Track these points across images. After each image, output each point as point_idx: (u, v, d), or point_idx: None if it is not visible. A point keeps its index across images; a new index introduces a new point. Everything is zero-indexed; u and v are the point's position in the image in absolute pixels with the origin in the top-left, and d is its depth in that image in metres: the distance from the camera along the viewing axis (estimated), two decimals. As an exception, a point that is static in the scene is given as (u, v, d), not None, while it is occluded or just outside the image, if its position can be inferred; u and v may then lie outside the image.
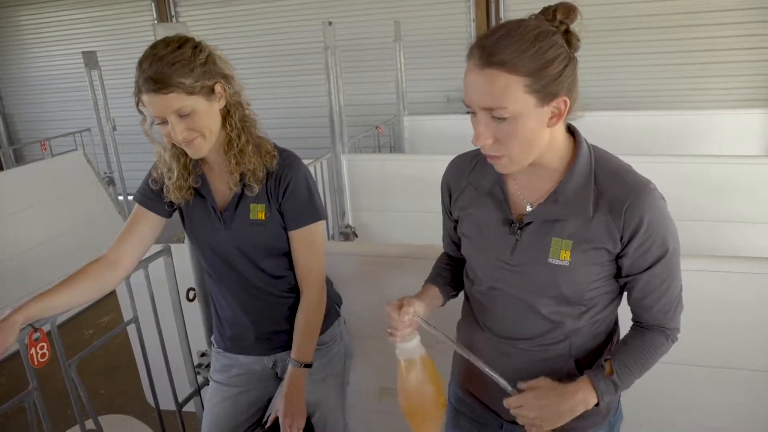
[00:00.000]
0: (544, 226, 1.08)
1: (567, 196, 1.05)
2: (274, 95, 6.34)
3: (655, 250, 1.05)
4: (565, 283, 1.08)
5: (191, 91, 1.31)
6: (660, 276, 1.07)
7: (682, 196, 2.75)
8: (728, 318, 1.58)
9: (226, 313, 1.62)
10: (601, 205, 1.04)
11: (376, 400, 1.94)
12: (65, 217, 4.33)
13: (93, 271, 1.47)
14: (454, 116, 4.89)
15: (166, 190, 1.49)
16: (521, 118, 0.95)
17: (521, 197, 1.12)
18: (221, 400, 1.66)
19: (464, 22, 5.73)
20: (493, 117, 0.96)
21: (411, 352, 1.15)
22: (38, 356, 1.33)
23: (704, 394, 1.66)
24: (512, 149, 0.99)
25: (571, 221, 1.06)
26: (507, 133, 0.97)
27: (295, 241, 1.51)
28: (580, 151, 1.07)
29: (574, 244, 1.05)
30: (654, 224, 1.03)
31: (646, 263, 1.06)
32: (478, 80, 0.95)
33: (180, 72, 1.29)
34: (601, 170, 1.06)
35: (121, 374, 3.19)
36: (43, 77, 7.39)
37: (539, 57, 0.93)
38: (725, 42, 4.98)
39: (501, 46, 0.93)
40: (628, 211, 1.02)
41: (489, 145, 1.00)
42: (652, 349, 1.12)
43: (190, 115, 1.33)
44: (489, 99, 0.95)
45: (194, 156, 1.41)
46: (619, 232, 1.03)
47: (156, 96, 1.29)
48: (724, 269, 1.56)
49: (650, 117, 4.04)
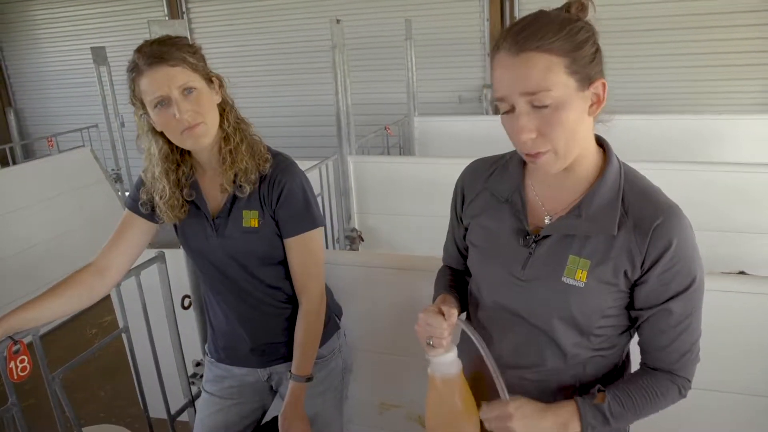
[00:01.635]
0: (562, 241, 0.99)
1: (591, 211, 0.97)
2: (281, 93, 6.30)
3: (680, 279, 0.95)
4: (577, 306, 0.99)
5: (195, 68, 1.30)
6: (679, 312, 0.97)
7: (704, 205, 2.65)
8: (745, 340, 1.49)
9: (221, 323, 1.57)
10: (626, 224, 0.96)
11: (376, 415, 1.87)
12: (72, 214, 4.30)
13: (80, 279, 1.43)
14: (466, 117, 4.82)
15: (159, 210, 1.43)
16: (564, 104, 0.89)
17: (541, 208, 1.04)
18: (213, 412, 1.61)
19: (478, 21, 5.64)
20: (534, 106, 0.89)
21: (449, 367, 1.03)
22: (18, 370, 1.28)
23: (722, 421, 1.57)
24: (558, 141, 0.91)
25: (593, 240, 0.97)
26: (550, 122, 0.89)
27: (292, 250, 1.45)
28: (610, 164, 1.00)
29: (592, 266, 0.97)
30: (682, 249, 0.94)
31: (667, 294, 0.96)
32: (515, 66, 0.89)
33: (184, 49, 1.30)
34: (630, 188, 0.99)
35: (121, 377, 3.15)
36: (53, 72, 7.42)
37: (572, 37, 0.89)
38: (744, 44, 4.85)
39: (532, 30, 0.89)
40: (656, 231, 0.94)
41: (532, 139, 0.91)
42: (655, 392, 1.02)
43: (194, 95, 1.30)
44: (530, 83, 0.88)
45: (194, 146, 1.35)
46: (641, 255, 0.95)
47: (161, 69, 1.26)
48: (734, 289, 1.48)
49: (667, 121, 3.94)
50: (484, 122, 4.39)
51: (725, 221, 2.70)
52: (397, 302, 1.73)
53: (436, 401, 1.05)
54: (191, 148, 1.37)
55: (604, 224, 0.96)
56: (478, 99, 5.70)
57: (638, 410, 1.00)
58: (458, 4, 5.63)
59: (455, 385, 1.03)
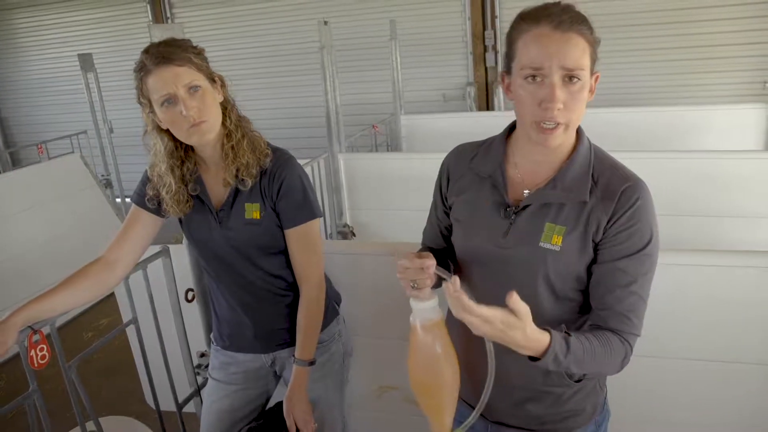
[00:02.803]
0: (539, 212, 1.10)
1: (566, 182, 1.09)
2: (271, 95, 6.34)
3: (636, 239, 1.05)
4: (553, 268, 1.09)
5: (199, 67, 1.38)
6: (630, 273, 1.06)
7: (679, 191, 2.76)
8: (726, 311, 1.59)
9: (225, 311, 1.63)
10: (596, 193, 1.07)
11: (375, 399, 1.94)
12: (63, 220, 4.32)
13: (92, 272, 1.48)
14: (451, 114, 4.91)
15: (165, 204, 1.49)
16: (585, 85, 1.02)
17: (521, 183, 1.14)
18: (220, 398, 1.67)
19: (459, 20, 5.73)
20: (566, 80, 1.00)
21: (431, 313, 1.03)
22: (38, 358, 1.34)
23: (694, 388, 1.67)
24: (575, 114, 1.03)
25: (567, 208, 1.08)
26: (575, 98, 1.01)
27: (292, 240, 1.52)
28: (581, 143, 1.12)
29: (567, 232, 1.07)
30: (643, 212, 1.05)
31: (621, 253, 1.06)
32: (560, 42, 0.99)
33: (189, 50, 1.37)
34: (599, 162, 1.11)
35: (122, 375, 3.19)
36: (40, 80, 7.39)
37: (593, 33, 1.03)
38: (721, 38, 4.99)
39: (572, 15, 1.01)
40: (624, 194, 1.06)
41: (560, 111, 1.01)
42: (611, 347, 1.05)
43: (200, 93, 1.36)
44: (570, 59, 0.99)
45: (199, 142, 1.42)
46: (607, 216, 1.06)
47: (168, 68, 1.33)
48: (722, 263, 1.56)
49: (647, 113, 4.05)
50: (468, 119, 4.48)
51: (703, 207, 2.81)
52: (389, 288, 1.80)
53: (417, 353, 1.05)
54: (196, 143, 1.44)
55: (577, 193, 1.08)
56: (462, 97, 5.80)
57: (594, 359, 1.02)
58: (440, 5, 5.72)
59: (436, 331, 1.03)
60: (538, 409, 1.20)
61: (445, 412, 1.07)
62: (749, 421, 1.64)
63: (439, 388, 1.06)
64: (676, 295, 1.59)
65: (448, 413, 1.07)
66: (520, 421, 1.23)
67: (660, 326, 1.60)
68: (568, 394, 1.19)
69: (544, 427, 1.22)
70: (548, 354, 0.96)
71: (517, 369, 1.13)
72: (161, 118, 1.38)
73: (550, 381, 1.18)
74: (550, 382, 1.18)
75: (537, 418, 1.21)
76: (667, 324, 1.60)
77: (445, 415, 1.07)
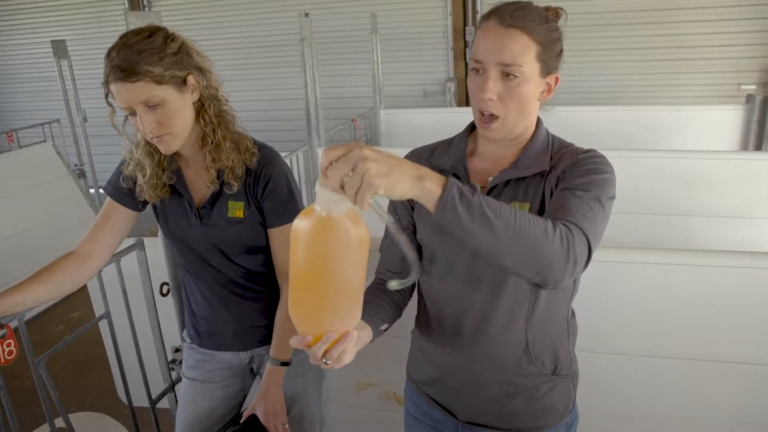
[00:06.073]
0: (504, 194, 1.11)
1: (526, 162, 1.12)
2: (250, 87, 6.28)
3: (579, 170, 1.05)
4: None
5: (160, 80, 1.27)
6: (579, 189, 1.01)
7: (653, 190, 2.79)
8: (705, 310, 1.60)
9: (202, 308, 1.60)
10: (555, 169, 1.10)
11: (353, 394, 1.94)
12: (34, 211, 4.23)
13: (64, 265, 1.44)
14: (430, 110, 4.91)
15: (140, 188, 1.45)
16: (527, 82, 1.04)
17: (486, 172, 1.16)
18: (196, 397, 1.64)
19: (441, 15, 5.73)
20: (503, 75, 1.04)
21: (338, 204, 0.81)
22: (5, 354, 1.30)
23: (672, 385, 1.69)
24: (511, 110, 1.06)
25: (528, 184, 1.11)
26: (511, 93, 1.04)
27: (275, 239, 1.49)
28: (540, 129, 1.16)
29: (531, 207, 1.10)
30: (594, 158, 1.08)
31: (570, 183, 1.03)
32: (500, 37, 1.03)
33: (148, 60, 1.25)
34: (558, 144, 1.16)
35: (92, 370, 3.14)
36: (11, 66, 7.20)
37: (550, 33, 1.06)
38: (698, 39, 5.07)
39: (522, 14, 1.03)
40: (579, 155, 1.09)
41: (492, 102, 1.05)
42: (537, 219, 0.89)
43: (159, 106, 1.28)
44: (509, 55, 1.02)
45: (165, 152, 1.38)
46: (561, 171, 1.08)
47: (123, 85, 1.25)
48: (702, 263, 1.57)
49: (622, 112, 4.08)
50: (448, 114, 4.49)
51: (677, 206, 2.85)
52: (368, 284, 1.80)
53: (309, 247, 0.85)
54: (163, 153, 1.39)
55: (537, 166, 1.11)
56: (442, 92, 5.80)
57: (514, 214, 0.86)
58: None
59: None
60: (512, 406, 1.20)
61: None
62: (744, 419, 1.66)
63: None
64: (658, 295, 1.60)
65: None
66: (493, 420, 1.23)
67: (643, 326, 1.63)
68: (542, 390, 1.20)
69: (516, 426, 1.22)
70: (449, 185, 0.82)
71: (488, 357, 1.15)
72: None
73: (522, 370, 1.17)
74: (523, 371, 1.17)
75: (510, 416, 1.21)
76: (648, 324, 1.62)
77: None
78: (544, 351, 1.18)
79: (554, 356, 1.20)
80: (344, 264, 0.86)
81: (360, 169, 0.77)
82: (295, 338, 0.94)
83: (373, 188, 0.77)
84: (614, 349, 1.66)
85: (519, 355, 1.17)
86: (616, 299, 1.62)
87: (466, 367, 1.20)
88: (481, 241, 0.85)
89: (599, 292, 1.58)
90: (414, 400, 1.36)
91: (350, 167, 0.77)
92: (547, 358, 1.19)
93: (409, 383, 1.38)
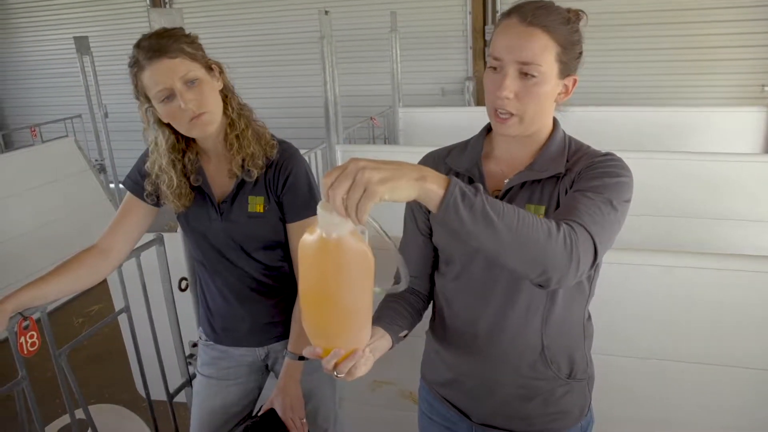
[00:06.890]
0: (519, 197, 1.10)
1: (542, 164, 1.11)
2: (269, 84, 6.31)
3: (595, 172, 1.03)
4: None
5: (194, 57, 1.33)
6: (590, 191, 0.99)
7: (676, 192, 2.76)
8: (726, 315, 1.58)
9: (219, 305, 1.60)
10: (571, 171, 1.09)
11: (369, 393, 1.94)
12: (55, 204, 4.29)
13: (85, 259, 1.46)
14: (448, 108, 4.89)
15: (165, 197, 1.46)
16: (545, 82, 1.03)
17: (501, 175, 1.15)
18: (212, 395, 1.65)
19: (461, 14, 5.71)
20: (522, 74, 1.02)
21: (339, 227, 0.79)
22: (28, 345, 1.32)
23: (689, 389, 1.67)
24: (528, 109, 1.04)
25: (544, 186, 1.09)
26: (529, 91, 1.03)
27: (294, 234, 1.49)
28: (557, 131, 1.15)
29: (546, 210, 1.08)
30: (610, 161, 1.06)
31: (583, 185, 1.02)
32: (520, 35, 1.01)
33: (182, 40, 1.33)
34: (575, 146, 1.14)
35: (110, 364, 3.17)
36: (35, 62, 7.32)
37: (572, 34, 1.04)
38: (721, 40, 4.99)
39: (544, 13, 1.02)
40: (597, 157, 1.08)
41: (509, 99, 1.03)
42: (536, 217, 0.87)
43: (196, 84, 1.33)
44: (528, 54, 1.01)
45: (201, 134, 1.39)
46: (576, 173, 1.07)
47: (161, 62, 1.29)
48: (724, 267, 1.55)
49: (644, 113, 4.04)
50: (466, 113, 4.47)
51: (699, 209, 2.81)
52: (386, 281, 1.79)
53: (315, 266, 0.85)
54: (198, 136, 1.41)
55: (553, 168, 1.09)
56: (461, 91, 5.78)
57: (517, 215, 0.84)
58: (442, -2, 5.70)
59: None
60: (527, 409, 1.19)
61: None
62: (765, 428, 1.64)
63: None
64: (677, 298, 1.58)
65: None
66: (507, 422, 1.22)
67: (661, 329, 1.61)
68: (557, 393, 1.19)
69: (530, 428, 1.21)
70: (452, 186, 0.81)
71: (503, 360, 1.14)
72: (161, 113, 1.35)
73: (537, 373, 1.16)
74: (538, 374, 1.17)
75: (525, 419, 1.20)
76: (666, 327, 1.60)
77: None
78: (560, 354, 1.17)
79: (570, 359, 1.19)
80: (345, 287, 0.86)
81: (360, 179, 0.75)
82: (308, 348, 0.95)
83: (375, 195, 0.75)
84: (631, 352, 1.64)
85: (534, 358, 1.16)
86: (633, 302, 1.60)
87: (481, 369, 1.19)
88: (484, 241, 0.83)
89: (616, 295, 1.56)
90: (428, 401, 1.36)
91: (350, 181, 0.76)
92: (563, 362, 1.18)
93: (423, 384, 1.38)
